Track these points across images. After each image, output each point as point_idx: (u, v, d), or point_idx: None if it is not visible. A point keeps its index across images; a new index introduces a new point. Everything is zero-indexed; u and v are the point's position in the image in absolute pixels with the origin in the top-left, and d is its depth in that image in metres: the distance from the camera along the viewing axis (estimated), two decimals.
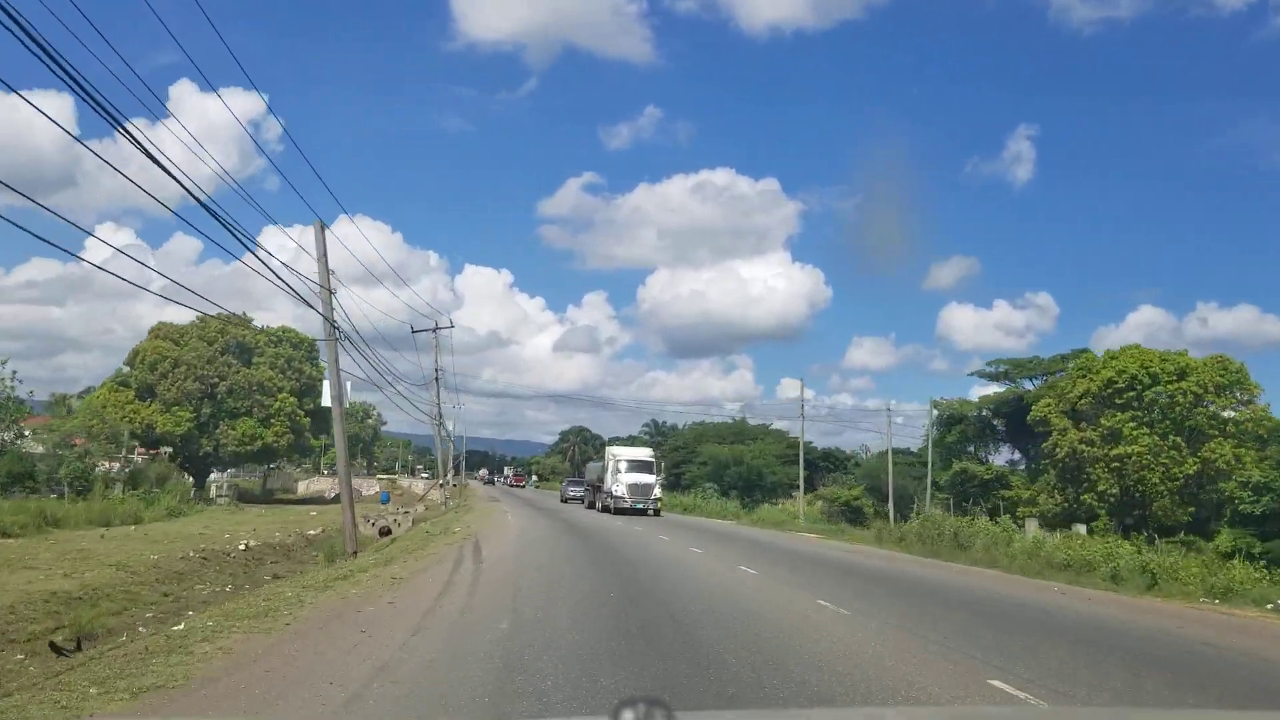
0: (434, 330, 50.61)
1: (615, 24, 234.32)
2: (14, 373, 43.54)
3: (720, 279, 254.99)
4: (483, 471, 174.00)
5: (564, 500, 61.26)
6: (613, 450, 44.79)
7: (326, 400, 24.94)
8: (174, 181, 11.94)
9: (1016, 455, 69.78)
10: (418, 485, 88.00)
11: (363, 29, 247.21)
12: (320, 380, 69.68)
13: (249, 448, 61.33)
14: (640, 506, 41.18)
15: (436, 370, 51.13)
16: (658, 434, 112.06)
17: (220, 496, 59.53)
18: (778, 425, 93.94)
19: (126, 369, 62.68)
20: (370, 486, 78.70)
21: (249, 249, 33.97)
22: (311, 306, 22.74)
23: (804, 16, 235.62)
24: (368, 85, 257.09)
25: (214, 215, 13.56)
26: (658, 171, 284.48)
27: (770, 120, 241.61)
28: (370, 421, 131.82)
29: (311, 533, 36.96)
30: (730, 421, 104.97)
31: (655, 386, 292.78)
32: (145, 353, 61.53)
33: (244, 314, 58.20)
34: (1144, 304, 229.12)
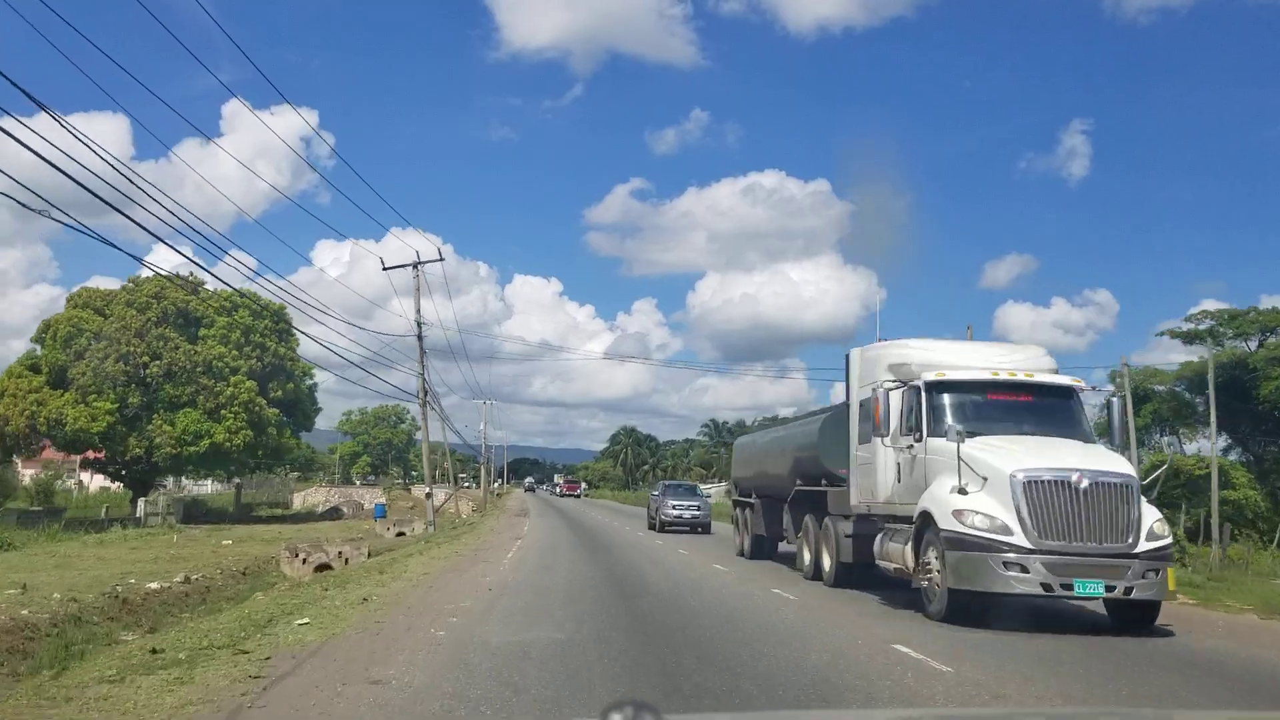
0: (415, 267, 34.49)
1: (660, 27, 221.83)
2: None
3: (771, 282, 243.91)
4: (528, 480, 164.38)
5: (661, 526, 33.46)
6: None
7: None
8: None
9: (1227, 442, 51.21)
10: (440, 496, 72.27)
11: (408, 43, 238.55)
12: (293, 359, 54.40)
13: (192, 449, 45.80)
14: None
15: (418, 320, 34.84)
16: (717, 434, 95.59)
17: (155, 515, 44.17)
18: None
19: (37, 348, 47.71)
20: (374, 497, 63.16)
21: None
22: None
23: (853, 14, 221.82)
24: (415, 99, 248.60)
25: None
26: (706, 175, 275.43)
27: (820, 120, 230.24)
28: (404, 427, 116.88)
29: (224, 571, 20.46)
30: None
31: (707, 392, 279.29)
32: (59, 325, 46.44)
33: (191, 275, 42.63)
34: (1207, 298, 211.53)
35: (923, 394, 12.13)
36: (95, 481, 61.46)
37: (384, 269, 33.87)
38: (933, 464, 11.70)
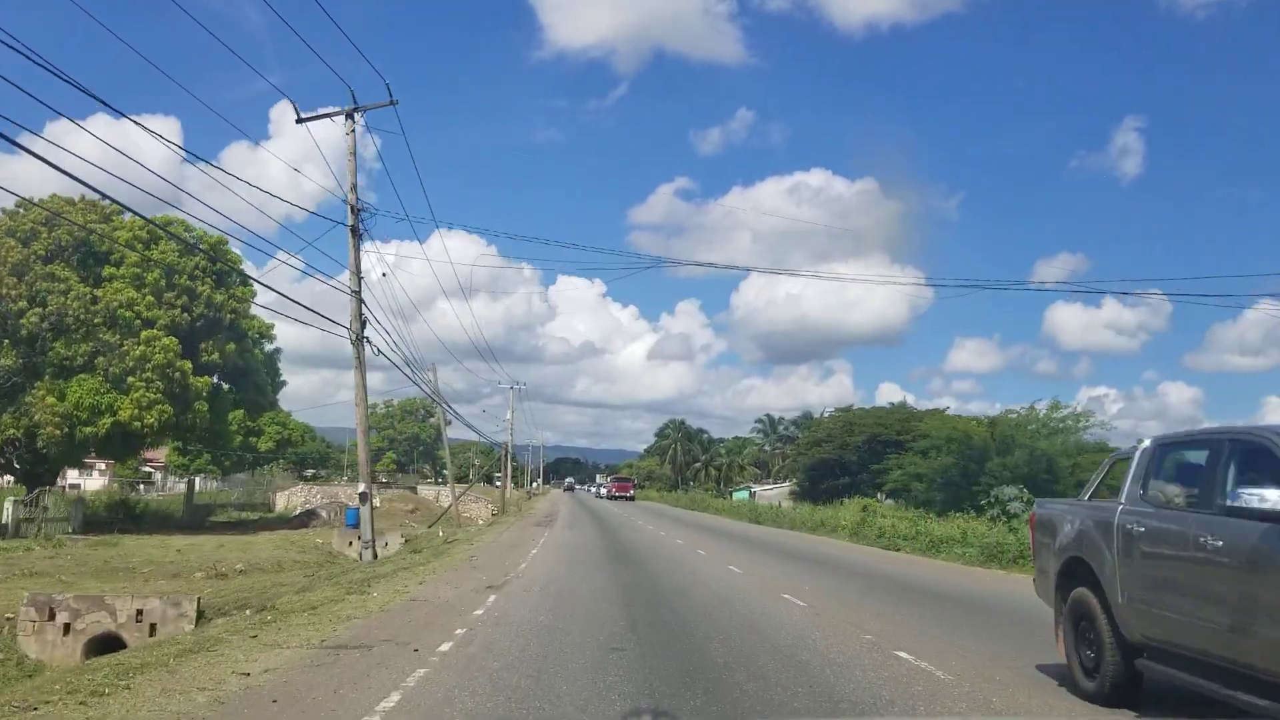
0: (349, 115, 21.23)
1: (705, 25, 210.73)
2: None
3: (816, 282, 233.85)
4: (568, 480, 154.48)
5: None
6: None
7: None
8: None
9: None
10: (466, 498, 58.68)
11: (453, 45, 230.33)
12: (240, 312, 41.60)
13: (89, 429, 33.14)
14: None
15: (353, 203, 21.31)
16: (772, 431, 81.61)
17: (27, 520, 31.62)
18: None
19: None
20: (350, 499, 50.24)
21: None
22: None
23: (902, 10, 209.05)
24: (461, 102, 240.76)
25: None
26: (750, 174, 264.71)
27: (867, 119, 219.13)
28: (433, 421, 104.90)
29: None
30: (889, 406, 73.15)
31: (751, 393, 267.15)
32: None
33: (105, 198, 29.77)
34: (1264, 298, 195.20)
35: None
36: None
37: (299, 120, 20.75)
38: None
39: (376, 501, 37.03)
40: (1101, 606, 6.90)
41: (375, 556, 21.31)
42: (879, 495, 51.55)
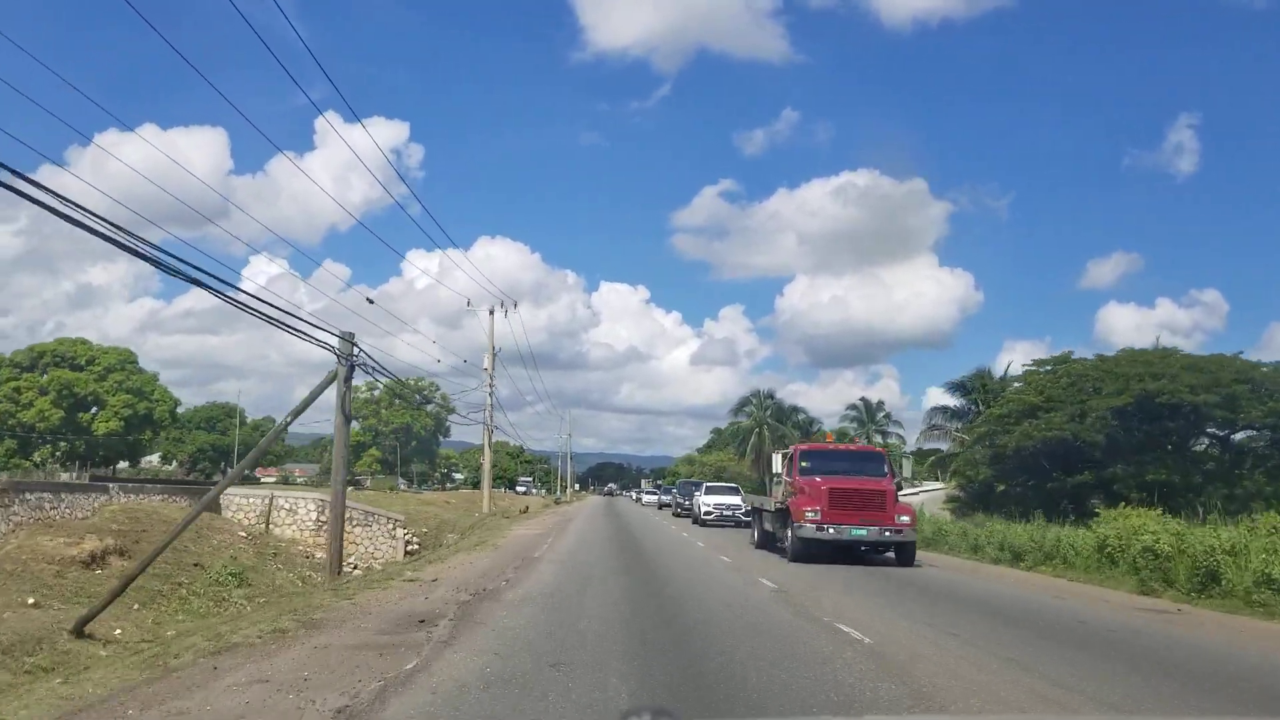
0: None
1: (747, 22, 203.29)
2: None
3: (863, 285, 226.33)
4: (609, 486, 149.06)
5: None
6: None
7: None
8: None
9: None
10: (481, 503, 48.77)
11: (494, 49, 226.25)
12: None
13: None
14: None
15: None
16: (870, 419, 68.55)
17: None
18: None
19: None
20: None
21: None
22: None
23: (951, 6, 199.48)
24: (503, 107, 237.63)
25: None
26: (796, 176, 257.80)
27: (916, 117, 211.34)
28: (431, 408, 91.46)
29: None
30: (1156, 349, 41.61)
31: (797, 398, 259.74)
32: None
33: None
34: None
35: None
36: None
37: None
38: None
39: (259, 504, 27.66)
40: None
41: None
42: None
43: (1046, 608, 13.17)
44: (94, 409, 67.54)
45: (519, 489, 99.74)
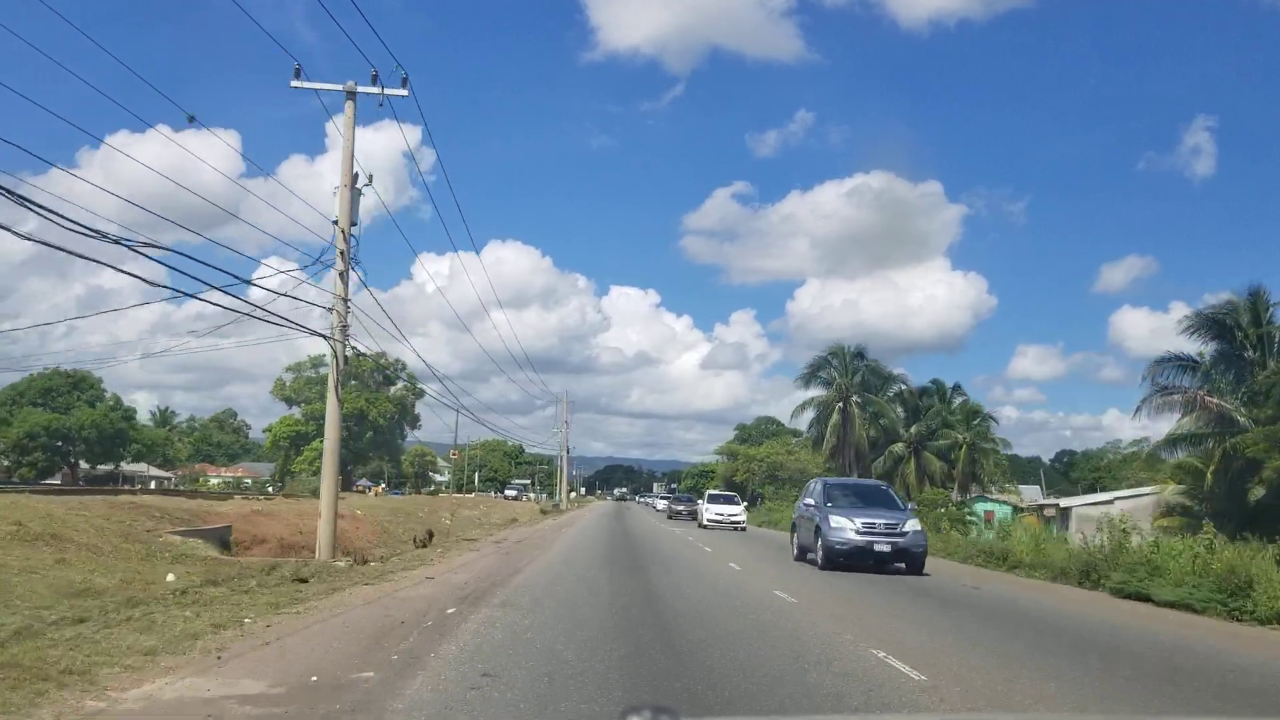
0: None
1: (761, 21, 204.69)
2: None
3: (875, 289, 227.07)
4: (618, 490, 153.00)
5: None
6: None
7: None
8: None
9: None
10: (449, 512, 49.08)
11: (504, 48, 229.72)
12: None
13: None
14: None
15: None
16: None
17: None
18: None
19: None
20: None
21: None
22: None
23: (967, 6, 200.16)
24: (513, 107, 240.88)
25: None
26: (809, 178, 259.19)
27: (931, 120, 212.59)
28: (396, 391, 79.19)
29: None
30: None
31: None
32: None
33: None
34: None
35: None
36: None
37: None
38: None
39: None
40: None
41: None
42: None
43: None
44: None
45: (508, 493, 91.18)
